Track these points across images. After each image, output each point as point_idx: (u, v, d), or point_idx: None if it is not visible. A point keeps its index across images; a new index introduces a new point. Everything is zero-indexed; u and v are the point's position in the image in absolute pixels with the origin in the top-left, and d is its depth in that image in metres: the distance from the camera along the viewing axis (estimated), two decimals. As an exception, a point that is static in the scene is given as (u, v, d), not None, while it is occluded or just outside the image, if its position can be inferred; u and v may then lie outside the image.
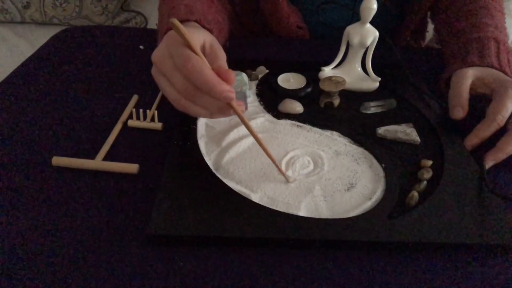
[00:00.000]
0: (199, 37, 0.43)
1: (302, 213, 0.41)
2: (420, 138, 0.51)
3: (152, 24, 1.50)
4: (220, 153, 0.48)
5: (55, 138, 0.50)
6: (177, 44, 0.39)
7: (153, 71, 0.43)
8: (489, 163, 0.48)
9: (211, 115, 0.42)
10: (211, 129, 0.51)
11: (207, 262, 0.36)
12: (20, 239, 0.38)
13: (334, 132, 0.52)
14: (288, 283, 0.35)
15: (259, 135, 0.50)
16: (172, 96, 0.41)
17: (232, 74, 0.39)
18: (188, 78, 0.39)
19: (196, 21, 0.51)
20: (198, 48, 0.39)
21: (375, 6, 0.54)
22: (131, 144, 0.50)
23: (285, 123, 0.53)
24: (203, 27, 0.51)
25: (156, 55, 0.41)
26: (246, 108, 0.54)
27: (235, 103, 0.41)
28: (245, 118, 0.42)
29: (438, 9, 0.76)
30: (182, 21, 0.51)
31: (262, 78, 0.62)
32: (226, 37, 0.65)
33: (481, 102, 0.55)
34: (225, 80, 0.39)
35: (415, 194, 0.42)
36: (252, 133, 0.43)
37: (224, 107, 0.41)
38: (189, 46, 0.39)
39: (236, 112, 0.41)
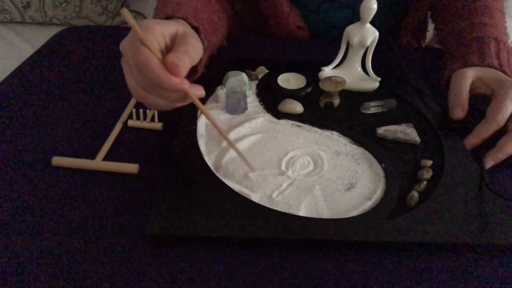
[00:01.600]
0: (171, 27, 0.42)
1: (302, 213, 0.41)
2: (420, 138, 0.51)
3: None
4: (220, 153, 0.48)
5: (55, 138, 0.50)
6: (136, 37, 0.39)
7: (121, 61, 0.42)
8: (489, 163, 0.48)
9: (172, 105, 0.42)
10: (211, 129, 0.51)
11: (207, 262, 0.36)
12: (20, 239, 0.38)
13: (334, 132, 0.52)
14: (288, 283, 0.35)
15: (259, 135, 0.50)
16: (131, 85, 0.41)
17: (178, 67, 0.38)
18: (139, 70, 0.38)
19: (182, 18, 0.51)
20: (151, 43, 0.38)
21: (375, 6, 0.54)
22: (131, 144, 0.50)
23: (285, 123, 0.53)
24: (190, 24, 0.50)
25: (123, 44, 0.41)
26: (246, 108, 0.54)
27: (191, 92, 0.40)
28: (200, 103, 0.42)
29: (438, 9, 0.76)
30: (168, 18, 0.51)
31: (262, 78, 0.62)
32: (224, 37, 0.65)
33: (481, 102, 0.55)
34: (172, 72, 0.38)
35: (415, 194, 0.42)
36: (210, 119, 0.43)
37: (182, 96, 0.41)
38: (140, 40, 0.38)
39: (193, 100, 0.41)
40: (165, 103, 0.41)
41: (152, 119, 0.52)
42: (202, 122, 0.52)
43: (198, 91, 0.41)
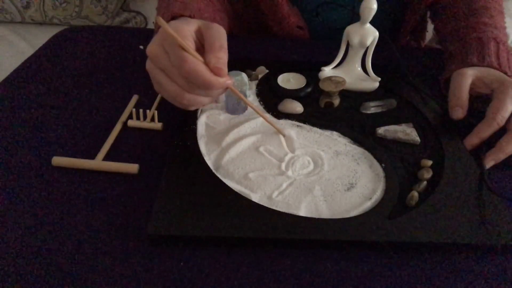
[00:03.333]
0: (192, 24, 0.43)
1: (302, 213, 0.40)
2: (420, 138, 0.51)
3: (152, 24, 1.50)
4: (220, 153, 0.48)
5: (55, 138, 0.50)
6: (172, 43, 0.39)
7: (149, 66, 0.43)
8: (489, 163, 0.48)
9: (212, 100, 0.45)
10: (211, 129, 0.51)
11: (207, 262, 0.36)
12: (20, 239, 0.38)
13: (334, 132, 0.52)
14: (288, 283, 0.35)
15: (259, 135, 0.50)
16: (175, 92, 0.41)
17: (222, 70, 0.40)
18: (186, 78, 0.40)
19: (189, 16, 0.51)
20: (189, 46, 0.39)
21: (375, 6, 0.54)
22: (131, 144, 0.50)
23: (285, 123, 0.53)
24: None
25: (152, 50, 0.41)
26: (246, 108, 0.54)
27: (233, 86, 0.43)
28: (240, 93, 0.46)
29: (438, 9, 0.76)
30: (175, 17, 0.51)
31: (262, 78, 0.62)
32: None
33: (481, 102, 0.55)
34: (218, 75, 0.40)
35: (415, 194, 0.42)
36: (253, 108, 0.47)
37: (223, 90, 0.43)
38: (181, 46, 0.39)
39: (236, 94, 0.45)
40: (206, 100, 0.43)
41: (152, 119, 0.52)
42: (202, 122, 0.52)
43: (229, 80, 0.43)
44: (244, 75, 0.53)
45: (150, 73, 0.43)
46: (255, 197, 0.42)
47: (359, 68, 0.62)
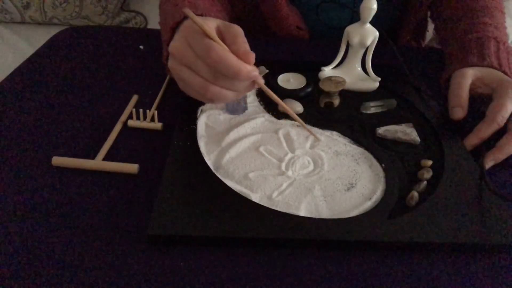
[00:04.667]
0: (212, 21, 0.43)
1: (302, 213, 0.40)
2: (420, 138, 0.51)
3: (152, 24, 1.50)
4: (220, 153, 0.48)
5: (55, 138, 0.50)
6: (195, 33, 0.39)
7: (172, 63, 0.43)
8: (489, 163, 0.48)
9: (238, 95, 0.43)
10: (211, 129, 0.51)
11: (207, 262, 0.36)
12: (20, 239, 0.38)
13: (334, 132, 0.52)
14: (288, 283, 0.35)
15: (259, 135, 0.50)
16: (199, 84, 0.41)
17: (252, 54, 0.40)
18: (213, 67, 0.39)
19: (201, 15, 0.51)
20: (215, 35, 0.39)
21: (375, 6, 0.54)
22: (131, 144, 0.50)
23: (285, 123, 0.53)
24: None
25: (174, 46, 0.41)
26: (246, 108, 0.54)
27: (259, 79, 0.42)
28: (267, 88, 0.44)
29: (438, 9, 0.76)
30: (186, 17, 0.51)
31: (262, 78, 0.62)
32: None
33: (481, 102, 0.55)
34: (246, 61, 0.40)
35: (415, 194, 0.42)
36: (278, 101, 0.46)
37: (249, 84, 0.42)
38: (207, 34, 0.39)
39: (262, 87, 0.43)
40: (233, 94, 0.42)
41: (152, 119, 0.52)
42: (202, 122, 0.52)
43: (260, 79, 0.43)
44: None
45: (173, 71, 0.43)
46: (255, 197, 0.42)
47: (359, 68, 0.62)
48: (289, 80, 0.60)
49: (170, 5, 0.56)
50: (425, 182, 0.44)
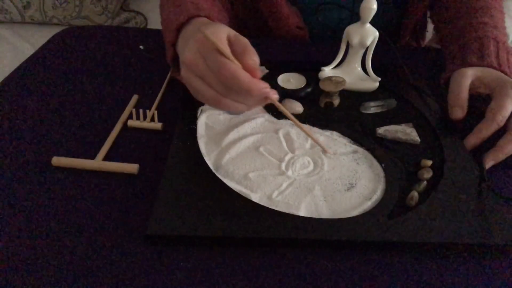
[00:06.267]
0: (223, 31, 0.43)
1: (302, 213, 0.41)
2: (420, 138, 0.51)
3: (152, 24, 1.50)
4: (220, 153, 0.48)
5: (55, 138, 0.50)
6: (209, 49, 0.40)
7: (185, 73, 0.43)
8: (489, 163, 0.48)
9: (249, 108, 0.44)
10: (211, 129, 0.51)
11: (207, 262, 0.36)
12: (20, 239, 0.38)
13: (334, 132, 0.52)
14: (288, 283, 0.35)
15: (259, 135, 0.50)
16: (212, 97, 0.42)
17: (259, 70, 0.41)
18: (225, 83, 0.40)
19: (205, 16, 0.51)
20: (229, 52, 0.40)
21: (375, 6, 0.54)
22: (131, 144, 0.50)
23: (285, 123, 0.53)
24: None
25: (188, 57, 0.42)
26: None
27: (271, 95, 0.42)
28: (280, 104, 0.44)
29: (437, 9, 0.76)
30: (191, 18, 0.51)
31: (262, 78, 0.61)
32: None
33: (481, 102, 0.55)
34: (255, 77, 0.40)
35: (415, 194, 0.42)
36: (290, 118, 0.46)
37: (261, 99, 0.43)
38: (221, 52, 0.40)
39: (274, 103, 0.43)
40: (245, 106, 0.43)
41: (152, 119, 0.52)
42: (202, 122, 0.52)
43: (274, 95, 0.43)
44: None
45: (186, 81, 0.44)
46: (255, 197, 0.42)
47: (359, 68, 0.62)
48: (289, 80, 0.60)
49: (172, 5, 0.56)
50: (425, 182, 0.44)
